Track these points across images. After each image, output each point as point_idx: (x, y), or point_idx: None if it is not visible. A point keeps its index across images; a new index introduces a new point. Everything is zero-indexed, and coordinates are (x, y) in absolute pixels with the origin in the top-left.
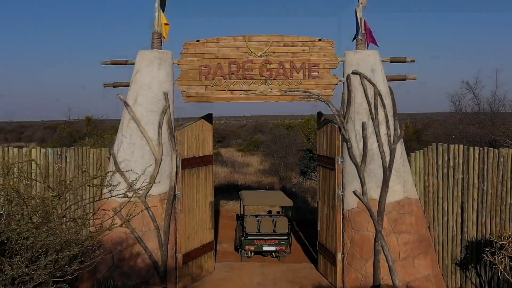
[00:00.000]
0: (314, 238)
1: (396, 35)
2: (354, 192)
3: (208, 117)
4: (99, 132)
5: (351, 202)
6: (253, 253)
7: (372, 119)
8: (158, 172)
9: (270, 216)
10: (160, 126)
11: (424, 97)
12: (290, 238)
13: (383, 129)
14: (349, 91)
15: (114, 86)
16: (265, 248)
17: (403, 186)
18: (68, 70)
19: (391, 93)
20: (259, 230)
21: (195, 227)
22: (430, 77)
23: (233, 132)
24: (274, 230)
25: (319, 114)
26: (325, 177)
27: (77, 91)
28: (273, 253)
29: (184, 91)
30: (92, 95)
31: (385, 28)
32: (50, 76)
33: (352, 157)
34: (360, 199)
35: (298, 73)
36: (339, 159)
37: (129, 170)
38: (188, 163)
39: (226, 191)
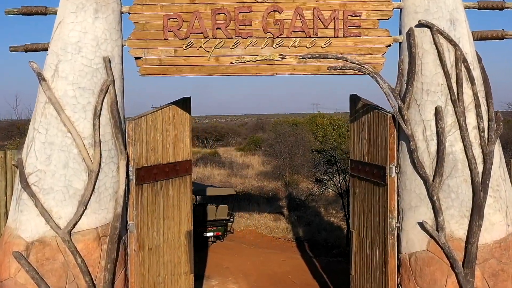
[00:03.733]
0: (334, 269)
1: None
2: (422, 225)
3: (184, 103)
4: None
5: (415, 240)
6: None
7: (453, 102)
8: (93, 190)
9: (216, 205)
10: (97, 115)
11: None
12: (227, 225)
13: (471, 119)
14: (413, 57)
15: (25, 51)
16: (206, 234)
17: (505, 215)
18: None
19: (479, 60)
20: (205, 217)
21: (161, 274)
22: None
23: (233, 130)
24: (216, 217)
25: (354, 98)
26: (366, 195)
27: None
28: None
29: (140, 58)
30: None
31: None
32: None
33: (418, 166)
34: (432, 236)
35: (326, 28)
36: (393, 168)
37: (43, 188)
38: (149, 174)
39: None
